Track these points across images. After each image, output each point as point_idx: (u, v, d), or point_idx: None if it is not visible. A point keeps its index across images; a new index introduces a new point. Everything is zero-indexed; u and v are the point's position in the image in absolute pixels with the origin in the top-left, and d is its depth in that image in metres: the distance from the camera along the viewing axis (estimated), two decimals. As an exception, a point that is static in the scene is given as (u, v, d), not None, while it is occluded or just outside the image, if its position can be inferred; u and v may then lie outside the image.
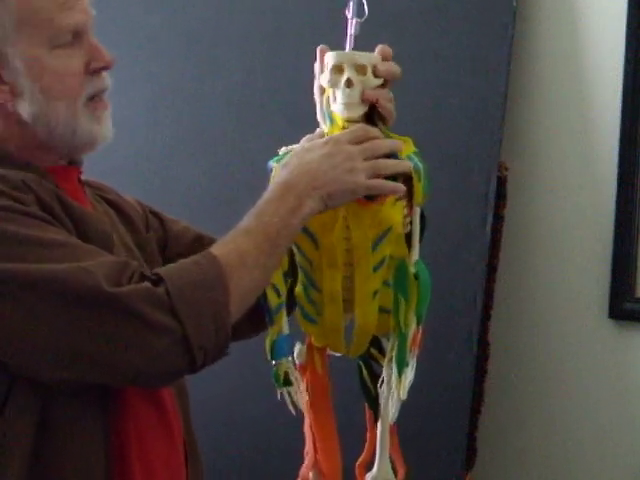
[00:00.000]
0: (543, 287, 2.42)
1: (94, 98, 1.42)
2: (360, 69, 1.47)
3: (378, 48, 1.49)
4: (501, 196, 2.31)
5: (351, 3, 1.56)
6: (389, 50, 1.49)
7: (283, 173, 1.43)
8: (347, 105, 1.47)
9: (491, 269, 2.31)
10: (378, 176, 1.44)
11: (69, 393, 1.33)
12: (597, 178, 2.37)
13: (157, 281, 1.28)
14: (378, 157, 1.45)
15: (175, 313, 1.26)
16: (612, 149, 2.33)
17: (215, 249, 1.35)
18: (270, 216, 1.37)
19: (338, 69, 1.47)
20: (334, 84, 1.48)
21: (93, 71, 1.41)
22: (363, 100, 1.47)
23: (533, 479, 2.43)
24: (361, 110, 1.48)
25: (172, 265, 1.34)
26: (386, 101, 1.48)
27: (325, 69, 1.49)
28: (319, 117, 1.53)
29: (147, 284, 1.27)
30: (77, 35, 1.39)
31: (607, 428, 2.36)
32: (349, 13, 1.57)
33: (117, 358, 1.26)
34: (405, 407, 1.55)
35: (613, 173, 2.33)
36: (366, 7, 1.56)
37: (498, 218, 2.31)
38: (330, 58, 1.48)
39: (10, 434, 1.30)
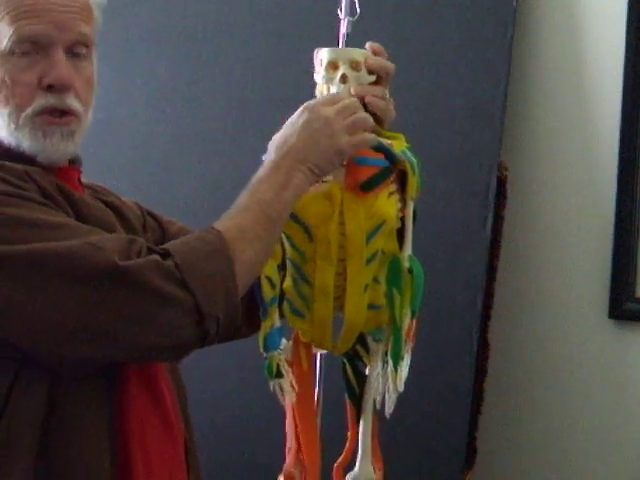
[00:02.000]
0: (543, 287, 2.42)
1: (47, 113, 1.39)
2: (355, 65, 1.48)
3: (368, 45, 1.51)
4: (501, 196, 2.31)
5: (343, 2, 1.58)
6: (379, 46, 1.51)
7: (269, 152, 1.45)
8: None
9: (491, 269, 2.31)
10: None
11: (74, 377, 1.33)
12: (597, 178, 2.37)
13: (165, 255, 1.30)
14: (355, 114, 1.46)
15: (186, 284, 1.28)
16: (612, 149, 2.33)
17: (216, 225, 1.37)
18: (263, 192, 1.40)
19: (333, 65, 1.49)
20: (328, 80, 1.49)
21: (47, 86, 1.39)
22: (353, 96, 1.48)
23: (533, 479, 2.43)
24: None
25: (176, 240, 1.37)
26: (377, 98, 1.49)
27: (319, 66, 1.50)
28: None
29: (156, 257, 1.29)
30: (38, 46, 1.38)
31: (607, 428, 2.36)
32: (341, 12, 1.58)
33: (131, 331, 1.27)
34: (405, 407, 1.55)
35: (613, 173, 2.33)
36: (358, 6, 1.58)
37: (498, 218, 2.31)
38: (324, 54, 1.49)
39: (18, 419, 1.31)
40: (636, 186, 2.32)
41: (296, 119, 1.45)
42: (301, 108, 1.47)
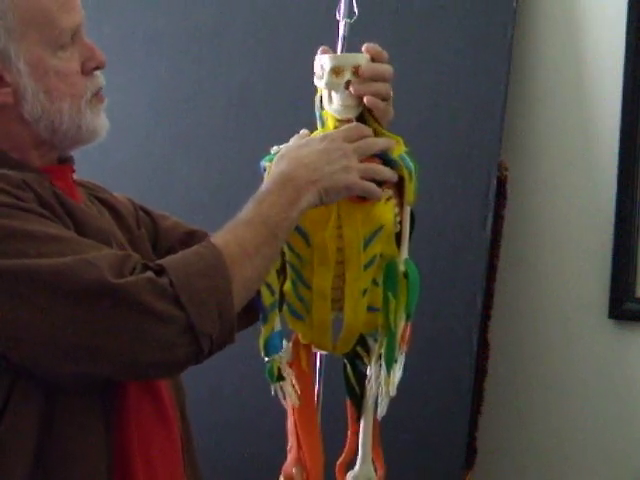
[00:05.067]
0: (543, 287, 2.42)
1: (95, 95, 1.44)
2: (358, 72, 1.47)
3: (365, 47, 1.49)
4: (501, 196, 2.31)
5: (341, 4, 1.57)
6: (375, 48, 1.49)
7: (281, 165, 1.43)
8: (345, 107, 1.48)
9: (491, 269, 2.32)
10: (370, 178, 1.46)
11: (71, 390, 1.33)
12: (597, 178, 2.37)
13: (160, 271, 1.29)
14: (371, 154, 1.46)
15: (179, 302, 1.26)
16: (612, 149, 2.33)
17: (215, 239, 1.35)
18: (269, 207, 1.38)
19: (336, 71, 1.48)
20: (333, 87, 1.48)
21: (89, 71, 1.42)
22: (357, 97, 1.47)
23: (533, 479, 2.44)
24: (357, 111, 1.49)
25: (173, 256, 1.34)
26: (376, 99, 1.47)
27: (320, 71, 1.49)
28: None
29: (150, 274, 1.28)
30: (74, 35, 1.40)
31: (607, 428, 2.36)
32: (339, 15, 1.58)
33: (124, 349, 1.26)
34: (405, 407, 1.56)
35: (613, 173, 2.33)
36: (356, 8, 1.57)
37: (498, 218, 2.31)
38: (327, 61, 1.48)
39: (13, 432, 1.30)
40: (636, 186, 2.32)
41: (315, 143, 1.45)
42: (321, 135, 1.46)
